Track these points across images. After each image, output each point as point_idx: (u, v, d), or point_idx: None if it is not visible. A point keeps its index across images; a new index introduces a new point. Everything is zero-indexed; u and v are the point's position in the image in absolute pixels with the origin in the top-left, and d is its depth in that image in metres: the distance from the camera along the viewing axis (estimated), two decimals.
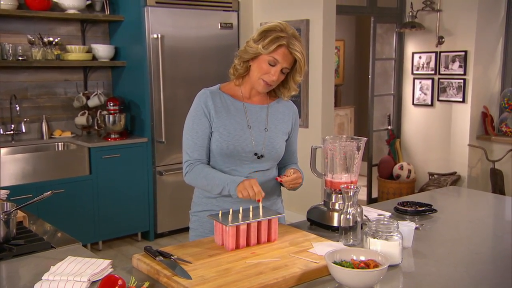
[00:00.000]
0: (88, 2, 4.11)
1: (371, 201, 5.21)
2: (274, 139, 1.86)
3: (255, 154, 1.82)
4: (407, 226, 1.65)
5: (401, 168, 5.03)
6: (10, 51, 3.79)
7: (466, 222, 2.01)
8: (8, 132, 3.96)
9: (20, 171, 3.58)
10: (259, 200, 1.65)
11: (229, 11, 4.43)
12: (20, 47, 3.86)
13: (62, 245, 1.70)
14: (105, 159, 3.93)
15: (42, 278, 1.37)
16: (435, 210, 2.02)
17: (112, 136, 4.10)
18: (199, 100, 1.83)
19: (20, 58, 3.84)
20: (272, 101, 1.91)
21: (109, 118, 4.08)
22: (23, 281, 1.45)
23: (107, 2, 4.26)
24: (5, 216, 1.62)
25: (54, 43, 3.99)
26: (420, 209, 2.01)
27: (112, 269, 1.46)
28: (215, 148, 1.81)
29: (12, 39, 3.91)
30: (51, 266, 1.43)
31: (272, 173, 1.91)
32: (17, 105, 3.92)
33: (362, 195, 5.15)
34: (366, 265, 1.36)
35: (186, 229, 1.80)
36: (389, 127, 5.31)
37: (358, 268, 1.33)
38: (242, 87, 1.86)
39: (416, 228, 1.74)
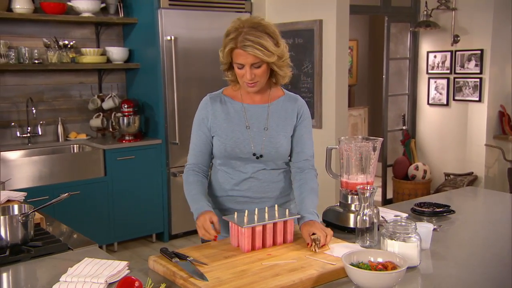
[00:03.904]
0: (103, 5, 4.14)
1: (386, 202, 5.17)
2: (275, 138, 1.82)
3: (254, 154, 1.81)
4: (425, 228, 1.62)
5: (417, 168, 4.98)
6: (26, 55, 3.84)
7: (484, 223, 1.98)
8: (25, 135, 4.01)
9: (36, 173, 3.62)
10: (214, 239, 1.62)
11: (241, 12, 4.43)
12: (36, 51, 3.91)
13: (79, 247, 1.72)
14: (119, 161, 3.96)
15: (60, 279, 1.38)
16: (453, 211, 1.99)
17: (127, 138, 4.13)
18: (200, 108, 1.89)
19: (36, 61, 3.89)
20: (274, 100, 1.87)
21: (123, 120, 4.11)
22: (41, 282, 1.46)
23: (121, 5, 4.29)
24: (23, 218, 1.63)
25: (69, 46, 4.03)
26: (437, 210, 1.98)
27: (128, 270, 1.46)
28: (216, 151, 1.84)
29: (28, 42, 3.96)
30: (69, 268, 1.44)
31: (281, 175, 1.87)
32: (33, 108, 3.97)
33: (377, 196, 5.10)
34: (384, 267, 1.34)
35: None
36: (403, 127, 5.26)
37: (376, 270, 1.32)
38: (241, 90, 1.86)
39: (434, 230, 1.72)
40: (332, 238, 1.65)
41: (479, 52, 4.56)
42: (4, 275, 1.52)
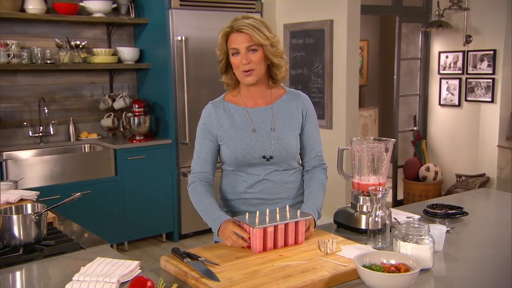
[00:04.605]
0: (114, 6, 4.17)
1: (396, 203, 5.13)
2: (283, 139, 1.81)
3: (264, 157, 1.80)
4: (438, 229, 1.61)
5: (428, 169, 4.94)
6: (39, 55, 3.88)
7: (497, 225, 1.96)
8: (37, 134, 4.04)
9: (48, 172, 3.65)
10: (248, 247, 1.59)
11: (252, 12, 4.43)
12: (48, 51, 3.94)
13: (91, 246, 1.73)
14: (130, 161, 3.98)
15: (73, 278, 1.38)
16: (466, 213, 1.97)
17: (137, 137, 4.15)
18: (204, 116, 1.87)
19: (48, 62, 3.92)
20: (277, 99, 1.85)
21: (134, 120, 4.13)
22: (54, 281, 1.47)
23: (132, 5, 4.31)
24: (36, 217, 1.64)
25: (81, 46, 4.06)
26: (450, 212, 1.96)
27: (140, 270, 1.47)
28: (227, 159, 1.84)
29: (41, 43, 4.00)
30: (81, 267, 1.44)
31: (294, 175, 1.87)
32: (45, 108, 4.00)
33: (388, 197, 5.06)
34: (397, 269, 1.33)
35: (210, 230, 1.80)
36: (414, 128, 5.22)
37: (389, 272, 1.31)
38: (241, 94, 1.85)
39: (447, 232, 1.70)
40: (341, 240, 1.64)
41: (491, 52, 4.51)
42: (18, 273, 1.53)
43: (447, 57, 4.91)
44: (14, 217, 1.64)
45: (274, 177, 1.83)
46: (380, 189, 1.64)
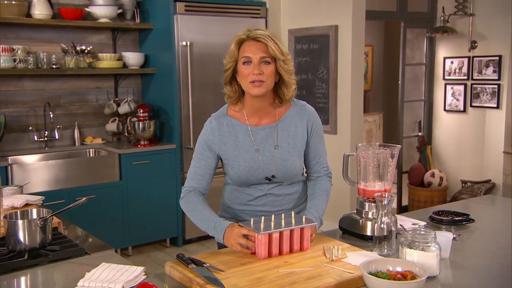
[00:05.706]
0: (119, 11, 4.18)
1: (401, 209, 5.11)
2: (287, 159, 1.78)
3: (266, 177, 1.79)
4: (445, 237, 1.60)
5: (433, 175, 4.92)
6: (45, 60, 3.89)
7: (504, 233, 1.94)
8: (42, 139, 4.06)
9: (53, 177, 3.65)
10: (253, 253, 1.57)
11: (257, 17, 4.44)
12: (54, 56, 3.96)
13: (95, 251, 1.72)
14: (134, 165, 3.98)
15: (78, 284, 1.38)
16: (473, 220, 1.96)
17: (142, 142, 4.15)
18: (206, 132, 1.81)
19: (54, 66, 3.94)
20: (282, 115, 1.81)
21: (138, 124, 4.14)
22: (58, 287, 1.47)
23: (138, 10, 4.33)
24: (42, 222, 1.64)
25: (86, 51, 4.07)
26: (456, 218, 1.95)
27: (145, 276, 1.46)
28: (229, 175, 1.83)
29: (47, 48, 4.02)
30: (86, 272, 1.44)
31: (296, 186, 1.86)
32: (50, 112, 4.02)
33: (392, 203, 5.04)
34: (403, 276, 1.32)
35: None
36: (419, 134, 5.21)
37: (395, 280, 1.30)
38: (245, 110, 1.80)
39: (453, 239, 1.69)
40: (347, 246, 1.63)
41: (497, 58, 4.50)
42: (22, 279, 1.53)
43: (452, 62, 4.90)
44: (20, 222, 1.64)
45: (278, 191, 1.82)
46: (386, 195, 1.63)
